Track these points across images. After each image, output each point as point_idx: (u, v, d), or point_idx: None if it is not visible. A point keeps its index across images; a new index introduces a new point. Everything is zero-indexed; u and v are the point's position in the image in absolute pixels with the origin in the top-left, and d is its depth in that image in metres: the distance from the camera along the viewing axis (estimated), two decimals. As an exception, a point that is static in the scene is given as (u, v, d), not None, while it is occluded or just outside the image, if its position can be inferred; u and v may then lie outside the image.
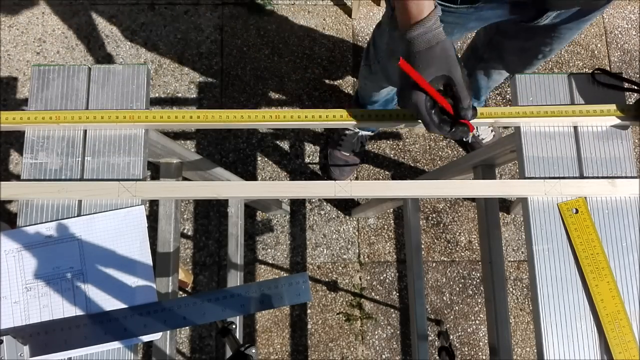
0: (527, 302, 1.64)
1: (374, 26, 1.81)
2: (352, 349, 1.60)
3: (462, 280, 1.65)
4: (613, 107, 0.76)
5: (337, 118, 0.76)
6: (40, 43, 1.79)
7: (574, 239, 0.71)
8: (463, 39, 1.76)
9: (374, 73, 1.25)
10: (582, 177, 0.75)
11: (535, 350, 0.71)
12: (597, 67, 1.56)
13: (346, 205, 1.69)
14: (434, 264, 1.66)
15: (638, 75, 1.81)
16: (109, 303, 0.70)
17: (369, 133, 1.67)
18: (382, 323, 1.62)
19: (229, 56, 1.79)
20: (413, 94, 0.65)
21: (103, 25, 1.80)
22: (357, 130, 1.62)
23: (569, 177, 0.75)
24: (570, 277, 0.71)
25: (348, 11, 1.84)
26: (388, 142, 1.74)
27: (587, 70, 1.81)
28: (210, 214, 1.68)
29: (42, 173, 0.75)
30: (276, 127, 0.88)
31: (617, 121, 0.76)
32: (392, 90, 1.36)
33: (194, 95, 1.76)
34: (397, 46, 1.02)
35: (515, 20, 0.89)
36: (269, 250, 1.66)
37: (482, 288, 1.64)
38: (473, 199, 1.68)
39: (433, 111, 0.66)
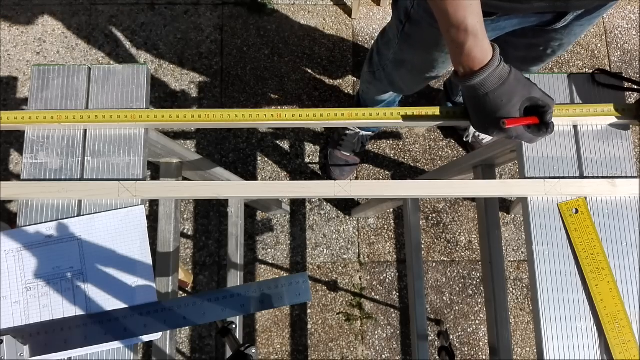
0: (527, 302, 1.64)
1: (376, 29, 1.83)
2: (352, 349, 1.60)
3: (462, 280, 1.65)
4: (612, 106, 0.76)
5: (337, 118, 0.76)
6: (40, 43, 1.79)
7: (574, 239, 0.71)
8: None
9: (378, 79, 1.25)
10: (582, 177, 0.75)
11: (535, 350, 0.71)
12: (597, 67, 1.56)
13: (346, 205, 1.69)
14: (434, 264, 1.66)
15: (638, 75, 1.81)
16: (109, 303, 0.70)
17: (370, 133, 1.67)
18: (382, 323, 1.62)
19: (229, 56, 1.79)
20: (512, 131, 0.69)
21: (103, 25, 1.80)
22: (357, 130, 1.62)
23: (569, 177, 0.75)
24: (570, 277, 0.71)
25: (348, 11, 1.84)
26: (388, 142, 1.74)
27: (587, 70, 1.81)
28: (210, 214, 1.68)
29: (42, 173, 0.75)
30: (276, 127, 0.88)
31: (617, 120, 0.76)
32: (394, 93, 1.36)
33: (194, 95, 1.76)
34: (405, 57, 1.02)
35: (531, 26, 0.87)
36: (269, 250, 1.66)
37: (482, 288, 1.64)
38: (473, 199, 1.68)
39: (530, 129, 0.70)
